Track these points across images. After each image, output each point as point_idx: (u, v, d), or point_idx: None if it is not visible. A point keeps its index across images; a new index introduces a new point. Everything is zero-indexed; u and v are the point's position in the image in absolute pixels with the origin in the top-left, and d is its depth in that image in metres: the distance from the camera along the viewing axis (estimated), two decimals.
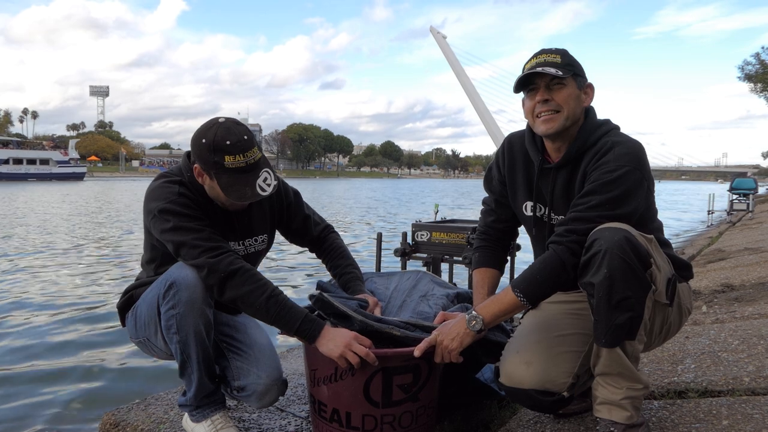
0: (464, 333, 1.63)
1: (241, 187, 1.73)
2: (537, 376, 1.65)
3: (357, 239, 13.16)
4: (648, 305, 1.49)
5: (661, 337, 1.69)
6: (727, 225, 14.55)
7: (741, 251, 7.21)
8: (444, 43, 71.32)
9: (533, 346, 1.71)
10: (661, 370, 2.29)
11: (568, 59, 1.66)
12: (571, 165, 1.69)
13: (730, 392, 1.98)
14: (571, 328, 1.71)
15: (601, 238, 1.46)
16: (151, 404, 2.25)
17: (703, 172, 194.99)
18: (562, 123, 1.65)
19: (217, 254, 1.68)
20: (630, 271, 1.43)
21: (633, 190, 1.54)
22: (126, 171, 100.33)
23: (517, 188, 1.85)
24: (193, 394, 1.80)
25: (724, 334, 2.75)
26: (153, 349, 1.91)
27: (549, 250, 1.58)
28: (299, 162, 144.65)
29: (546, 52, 1.67)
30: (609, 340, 1.48)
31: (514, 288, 1.58)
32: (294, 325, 1.69)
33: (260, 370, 1.85)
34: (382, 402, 1.71)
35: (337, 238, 2.18)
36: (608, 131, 1.67)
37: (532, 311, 1.86)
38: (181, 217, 1.72)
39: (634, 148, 1.59)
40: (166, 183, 1.80)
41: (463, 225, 4.02)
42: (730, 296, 4.06)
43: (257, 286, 1.68)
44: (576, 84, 1.66)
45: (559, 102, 1.64)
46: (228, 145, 1.69)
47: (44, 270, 8.37)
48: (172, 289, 1.69)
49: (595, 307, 1.49)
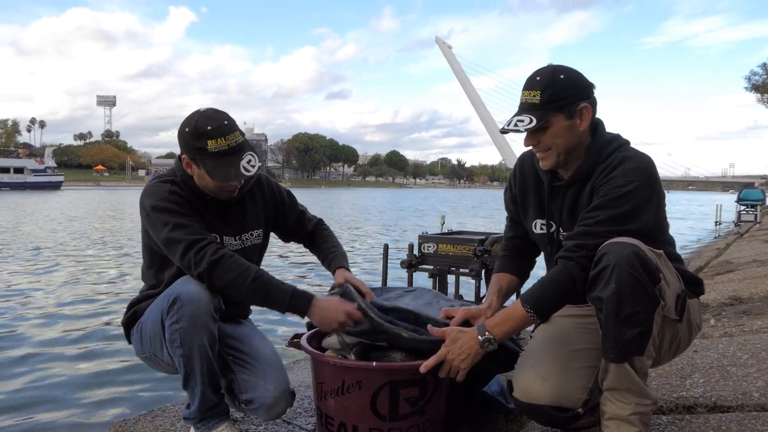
0: (476, 353, 1.62)
1: (225, 169, 1.78)
2: (552, 392, 1.64)
3: (363, 250, 13.15)
4: (657, 321, 1.48)
5: (671, 353, 1.68)
6: (734, 236, 14.48)
7: (749, 263, 7.17)
8: (449, 53, 71.61)
9: (548, 361, 1.70)
10: (670, 384, 2.27)
11: (549, 92, 1.60)
12: (580, 182, 1.68)
13: (739, 408, 1.96)
14: (584, 342, 1.71)
15: (609, 252, 1.46)
16: (158, 416, 2.25)
17: (710, 183, 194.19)
18: (554, 160, 1.67)
19: (201, 247, 1.72)
20: (639, 286, 1.43)
21: (642, 206, 1.54)
22: (132, 180, 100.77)
23: (528, 207, 1.86)
24: (197, 407, 1.80)
25: (733, 348, 2.73)
26: (160, 363, 1.92)
27: (558, 264, 1.57)
28: (304, 171, 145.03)
29: (528, 87, 1.64)
30: (617, 355, 1.48)
31: (524, 303, 1.58)
32: (284, 301, 1.73)
33: (267, 382, 1.85)
34: (389, 415, 1.71)
35: (328, 229, 2.27)
36: (618, 147, 1.66)
37: (543, 325, 1.85)
38: (171, 213, 1.77)
39: (644, 163, 1.58)
40: (159, 182, 1.87)
41: (470, 237, 4.01)
42: (738, 309, 4.03)
43: (241, 271, 1.72)
44: (564, 116, 1.62)
45: (546, 143, 1.65)
46: (209, 130, 1.76)
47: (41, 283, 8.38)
48: (176, 304, 1.70)
49: (603, 322, 1.48)
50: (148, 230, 1.85)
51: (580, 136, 1.66)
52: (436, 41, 72.17)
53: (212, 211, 1.91)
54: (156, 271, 1.94)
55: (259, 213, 2.06)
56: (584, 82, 1.65)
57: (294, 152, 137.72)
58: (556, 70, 1.63)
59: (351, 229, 18.72)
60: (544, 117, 1.60)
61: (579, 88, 1.63)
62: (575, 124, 1.63)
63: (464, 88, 68.53)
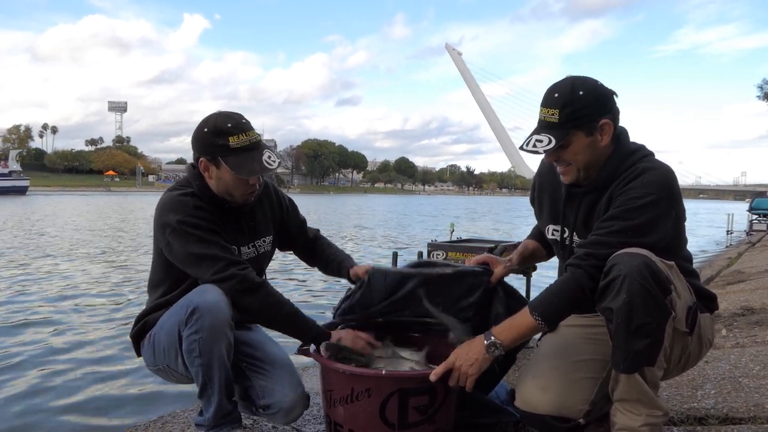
0: (483, 359, 1.62)
1: (249, 163, 1.79)
2: (552, 402, 1.64)
3: (372, 258, 13.15)
4: (668, 332, 1.47)
5: (680, 366, 1.67)
6: (746, 245, 14.33)
7: (761, 273, 7.10)
8: (459, 60, 71.62)
9: (550, 371, 1.70)
10: (681, 395, 2.26)
11: (569, 111, 1.56)
12: (599, 190, 1.66)
13: (751, 419, 1.95)
14: (589, 353, 1.70)
15: (620, 263, 1.45)
16: (168, 422, 2.26)
17: (721, 191, 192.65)
18: (575, 174, 1.66)
19: (243, 267, 1.77)
20: (649, 296, 1.42)
21: (658, 220, 1.51)
22: (142, 186, 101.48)
23: (543, 211, 1.88)
24: (212, 415, 1.81)
25: (745, 359, 2.70)
26: (173, 375, 1.92)
27: (567, 272, 1.57)
28: (313, 178, 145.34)
29: (547, 105, 1.60)
30: (627, 366, 1.47)
31: (532, 311, 1.58)
32: (310, 334, 1.85)
33: (285, 387, 1.88)
34: (399, 424, 1.70)
35: (328, 239, 2.30)
36: (641, 158, 1.62)
37: (550, 334, 1.84)
38: (203, 230, 1.76)
39: (664, 176, 1.55)
40: (181, 195, 1.83)
41: (480, 245, 4.00)
42: (750, 320, 3.99)
43: (277, 300, 1.81)
44: (584, 133, 1.59)
45: (567, 159, 1.63)
46: (230, 126, 1.78)
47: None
48: (195, 314, 1.70)
49: (613, 333, 1.48)
50: (171, 244, 1.78)
51: (601, 151, 1.63)
52: (446, 48, 72.34)
53: (230, 221, 1.92)
54: (167, 289, 1.92)
55: (268, 219, 2.08)
56: (605, 96, 1.60)
57: (303, 158, 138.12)
58: (575, 86, 1.58)
59: (358, 237, 18.71)
60: (563, 137, 1.58)
61: (599, 104, 1.59)
62: (596, 140, 1.60)
63: (474, 94, 68.53)
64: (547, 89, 1.64)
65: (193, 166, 1.89)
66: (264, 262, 2.06)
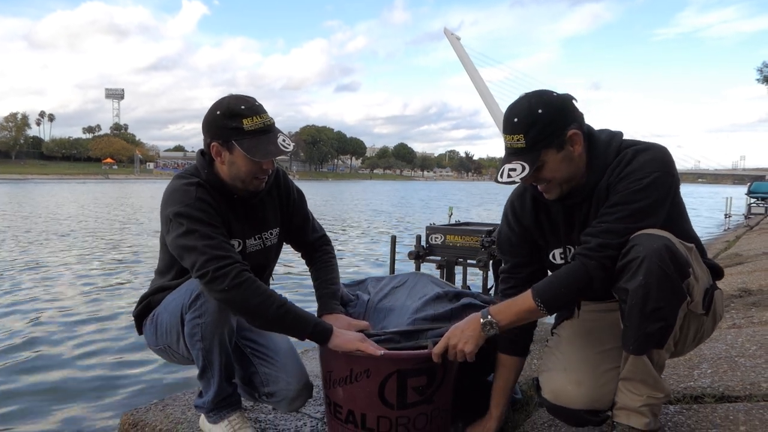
0: (478, 336, 1.62)
1: (264, 146, 1.73)
2: (587, 397, 1.63)
3: (370, 241, 13.17)
4: (680, 315, 1.46)
5: (694, 344, 1.66)
6: (744, 229, 14.37)
7: (759, 255, 7.13)
8: (458, 45, 71.06)
9: (580, 364, 1.68)
10: (677, 374, 2.27)
11: (533, 133, 1.51)
12: (590, 195, 1.61)
13: (747, 398, 1.97)
14: (611, 342, 1.66)
15: (639, 244, 1.43)
16: (168, 405, 2.28)
17: (720, 175, 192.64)
18: (558, 189, 1.61)
19: (224, 264, 1.63)
20: (667, 280, 1.40)
21: (664, 197, 1.50)
22: (141, 173, 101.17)
23: (547, 239, 1.76)
24: (211, 397, 1.82)
25: (741, 340, 2.72)
26: (174, 355, 1.92)
27: (577, 261, 1.53)
28: (312, 164, 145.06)
29: (509, 132, 1.54)
30: (637, 347, 1.47)
31: (536, 296, 1.55)
32: (306, 331, 1.71)
33: (289, 376, 1.88)
34: (397, 404, 1.72)
35: (331, 251, 2.15)
36: (620, 144, 1.59)
37: (569, 322, 1.82)
38: (195, 222, 1.68)
39: (659, 152, 1.53)
40: (185, 185, 1.77)
41: (478, 228, 4.01)
42: (747, 301, 4.02)
43: (266, 297, 1.66)
44: (555, 149, 1.53)
45: (546, 177, 1.58)
46: (243, 109, 1.72)
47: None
48: (200, 300, 1.70)
49: (626, 313, 1.47)
50: (168, 234, 1.75)
51: (577, 161, 1.58)
52: (445, 33, 71.63)
53: (236, 212, 1.86)
54: (175, 274, 1.90)
55: (276, 211, 2.02)
56: (564, 106, 1.54)
57: (302, 144, 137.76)
58: (531, 105, 1.52)
59: (356, 222, 18.72)
60: (535, 160, 1.52)
61: (562, 116, 1.53)
62: (569, 152, 1.55)
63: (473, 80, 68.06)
64: (504, 115, 1.57)
65: (203, 153, 1.82)
66: (270, 256, 2.01)
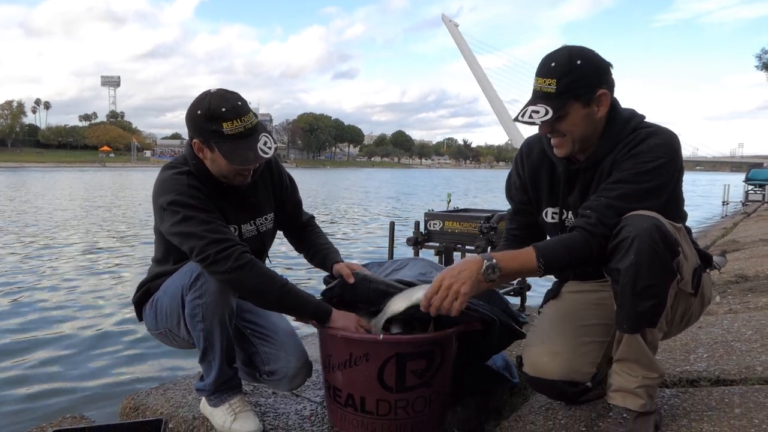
0: (477, 278, 1.48)
1: (243, 152, 1.70)
2: (563, 367, 1.66)
3: (369, 228, 13.17)
4: (671, 294, 1.48)
5: (682, 325, 1.69)
6: (741, 216, 14.41)
7: (755, 242, 7.16)
8: (456, 32, 70.71)
9: (559, 337, 1.71)
10: (674, 359, 2.29)
11: (566, 81, 1.52)
12: (597, 164, 1.63)
13: (742, 381, 1.99)
14: (593, 318, 1.72)
15: (630, 224, 1.45)
16: (169, 389, 2.29)
17: (718, 163, 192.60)
18: (570, 147, 1.62)
19: (225, 247, 1.66)
20: (657, 258, 1.43)
21: (667, 183, 1.53)
22: (138, 161, 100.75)
23: (541, 194, 1.80)
24: (213, 380, 1.84)
25: (738, 324, 2.74)
26: (175, 339, 1.93)
27: (577, 233, 1.52)
28: (310, 152, 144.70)
29: (543, 75, 1.55)
30: (630, 325, 1.49)
31: (539, 256, 1.50)
32: (307, 311, 1.76)
33: (289, 354, 1.91)
34: (396, 387, 1.74)
35: (319, 228, 2.22)
36: (638, 124, 1.60)
37: (553, 301, 1.86)
38: (190, 209, 1.70)
39: (670, 138, 1.54)
40: (175, 174, 1.77)
41: (476, 214, 4.02)
42: (743, 287, 4.04)
43: (267, 278, 1.71)
44: (581, 104, 1.55)
45: (563, 130, 1.59)
46: (224, 111, 1.67)
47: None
48: (200, 280, 1.71)
49: (619, 293, 1.48)
50: (162, 228, 1.77)
51: (597, 123, 1.59)
52: (443, 19, 71.25)
53: (229, 199, 1.86)
54: (176, 257, 1.89)
55: (270, 196, 2.03)
56: (602, 67, 1.57)
57: (299, 132, 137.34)
58: (572, 55, 1.53)
59: (355, 207, 18.72)
60: (560, 107, 1.53)
61: (597, 74, 1.55)
62: (593, 111, 1.57)
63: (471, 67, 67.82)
64: (542, 58, 1.59)
65: (189, 143, 1.83)
66: (266, 240, 2.03)
